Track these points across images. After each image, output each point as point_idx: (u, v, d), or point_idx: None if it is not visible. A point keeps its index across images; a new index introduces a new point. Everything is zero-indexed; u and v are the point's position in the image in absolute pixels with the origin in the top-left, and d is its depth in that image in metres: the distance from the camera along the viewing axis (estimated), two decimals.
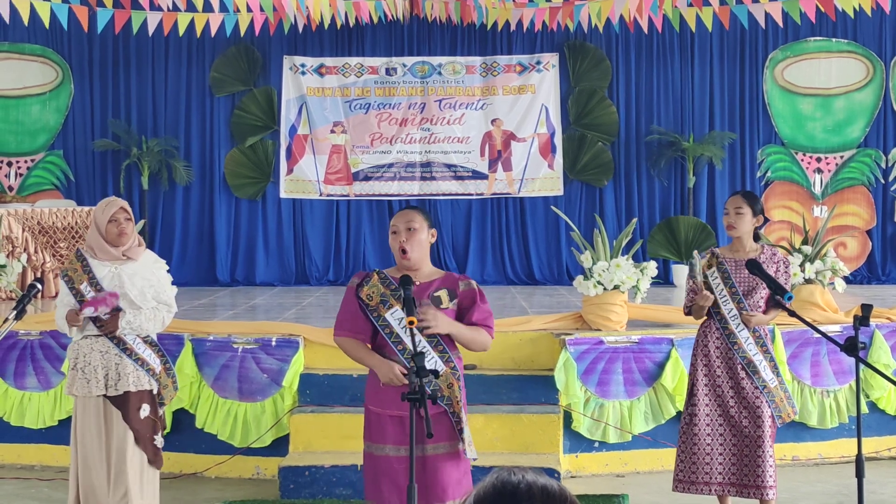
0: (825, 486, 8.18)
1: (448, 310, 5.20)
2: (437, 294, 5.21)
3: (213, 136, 14.93)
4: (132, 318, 6.25)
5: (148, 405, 6.34)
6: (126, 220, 6.29)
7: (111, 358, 6.26)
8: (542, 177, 14.80)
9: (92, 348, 6.27)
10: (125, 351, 6.27)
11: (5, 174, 14.84)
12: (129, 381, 6.25)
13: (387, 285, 5.20)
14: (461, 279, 5.31)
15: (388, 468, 5.13)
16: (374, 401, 5.22)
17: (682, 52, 14.77)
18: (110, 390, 6.24)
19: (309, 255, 14.83)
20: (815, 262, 9.18)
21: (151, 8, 12.56)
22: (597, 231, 8.86)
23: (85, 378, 6.25)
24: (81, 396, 6.28)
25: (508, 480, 2.13)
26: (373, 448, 5.22)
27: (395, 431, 5.11)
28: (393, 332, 5.15)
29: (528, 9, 13.42)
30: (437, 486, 5.07)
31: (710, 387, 6.66)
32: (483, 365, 8.57)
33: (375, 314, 5.18)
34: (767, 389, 6.57)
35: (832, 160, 14.73)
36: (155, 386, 6.38)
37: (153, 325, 6.36)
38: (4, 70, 14.86)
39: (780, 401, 6.61)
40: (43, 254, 12.31)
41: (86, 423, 6.28)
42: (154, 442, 6.39)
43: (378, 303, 5.17)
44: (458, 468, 5.17)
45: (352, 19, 13.42)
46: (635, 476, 8.50)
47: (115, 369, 6.25)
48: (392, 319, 5.15)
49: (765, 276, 6.04)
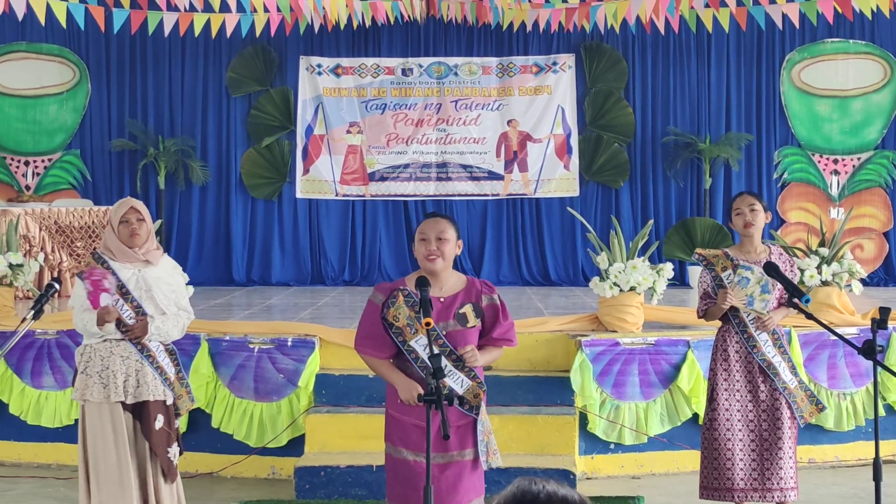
0: (842, 488, 8.15)
1: (475, 328, 5.20)
2: (462, 311, 5.19)
3: (229, 136, 14.95)
4: (161, 323, 6.14)
5: (162, 416, 6.18)
6: (138, 220, 6.14)
7: (132, 364, 6.11)
8: (558, 178, 14.78)
9: (112, 352, 6.10)
10: (147, 357, 6.13)
11: (23, 174, 14.89)
12: (148, 389, 6.10)
13: (411, 305, 5.18)
14: (484, 292, 5.28)
15: (409, 471, 5.16)
16: (396, 407, 5.22)
17: (699, 54, 14.73)
18: (128, 398, 6.08)
19: (325, 255, 14.84)
20: (831, 265, 9.15)
21: (168, 8, 12.58)
22: (613, 232, 8.84)
23: (101, 383, 6.05)
24: (96, 402, 6.06)
25: (529, 490, 2.13)
26: (394, 451, 5.23)
27: (417, 438, 5.10)
28: (419, 357, 5.15)
29: (545, 10, 13.40)
30: (458, 492, 5.11)
31: (730, 391, 6.63)
32: (499, 366, 8.55)
33: (401, 339, 5.18)
34: (788, 390, 6.55)
35: (849, 162, 14.68)
36: (170, 396, 6.23)
37: (177, 332, 6.28)
38: (22, 70, 14.91)
39: (801, 400, 6.59)
40: (60, 253, 12.35)
41: (103, 430, 6.07)
42: (168, 454, 6.22)
43: (405, 325, 5.17)
44: (476, 472, 5.21)
45: (368, 20, 13.42)
46: (651, 478, 8.49)
47: (136, 376, 6.10)
48: (418, 346, 5.15)
49: (782, 278, 6.03)
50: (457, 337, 5.16)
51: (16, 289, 9.73)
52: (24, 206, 12.65)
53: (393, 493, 5.25)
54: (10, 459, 8.95)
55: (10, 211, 12.04)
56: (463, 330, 5.18)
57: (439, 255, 5.19)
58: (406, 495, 5.15)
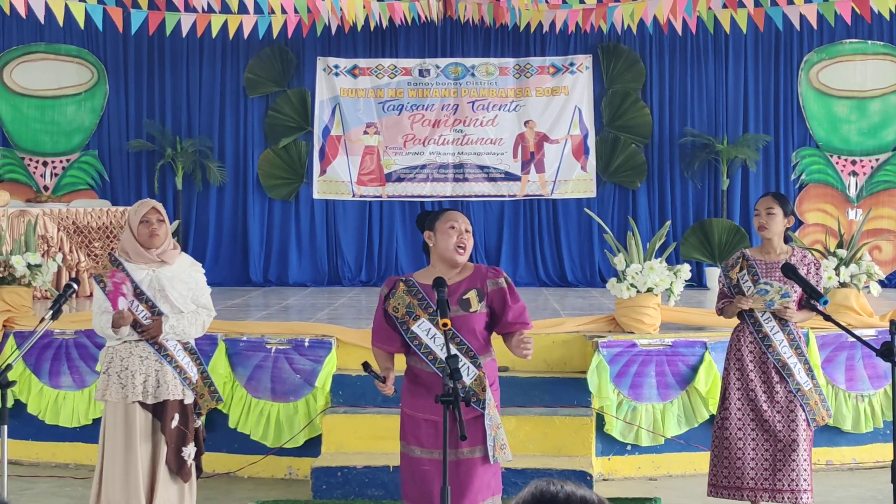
0: (859, 490, 8.13)
1: (478, 313, 5.19)
2: (466, 297, 5.20)
3: (246, 136, 14.97)
4: (175, 322, 6.19)
5: (178, 415, 6.24)
6: (158, 221, 6.22)
7: (151, 364, 6.18)
8: (575, 178, 14.77)
9: (131, 353, 6.17)
10: (166, 357, 6.18)
11: (41, 174, 14.94)
12: (167, 389, 6.16)
13: (413, 294, 5.20)
14: (489, 276, 5.30)
15: (420, 470, 5.16)
16: (409, 404, 5.24)
17: (717, 54, 14.70)
18: (148, 398, 6.15)
19: (341, 255, 14.85)
20: (849, 266, 9.11)
21: (186, 9, 12.61)
22: (630, 233, 8.84)
23: (120, 383, 6.14)
24: (113, 402, 6.17)
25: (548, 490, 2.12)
26: (408, 450, 5.25)
27: (429, 435, 5.12)
28: (422, 344, 5.16)
29: (562, 10, 13.39)
30: (470, 490, 5.08)
31: (743, 390, 6.63)
32: (515, 367, 8.56)
33: (404, 327, 5.20)
34: (801, 392, 6.54)
35: (867, 163, 14.63)
36: (189, 396, 6.29)
37: (195, 330, 6.32)
38: (40, 70, 14.96)
39: (814, 404, 6.58)
40: (78, 253, 12.39)
41: (116, 430, 6.17)
42: (181, 454, 6.26)
43: (404, 314, 5.18)
44: (489, 470, 5.17)
45: (385, 20, 13.43)
46: (668, 479, 8.48)
47: (155, 376, 6.16)
48: (420, 331, 5.16)
49: (800, 279, 6.02)
50: (460, 323, 5.14)
51: (34, 289, 9.76)
52: (42, 207, 12.70)
53: (408, 493, 5.26)
54: (29, 459, 8.99)
55: (28, 211, 12.09)
56: (466, 315, 5.17)
57: (468, 244, 5.24)
58: (420, 494, 5.16)
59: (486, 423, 5.13)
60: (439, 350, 5.09)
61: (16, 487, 8.03)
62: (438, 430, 5.02)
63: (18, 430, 8.89)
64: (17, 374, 8.81)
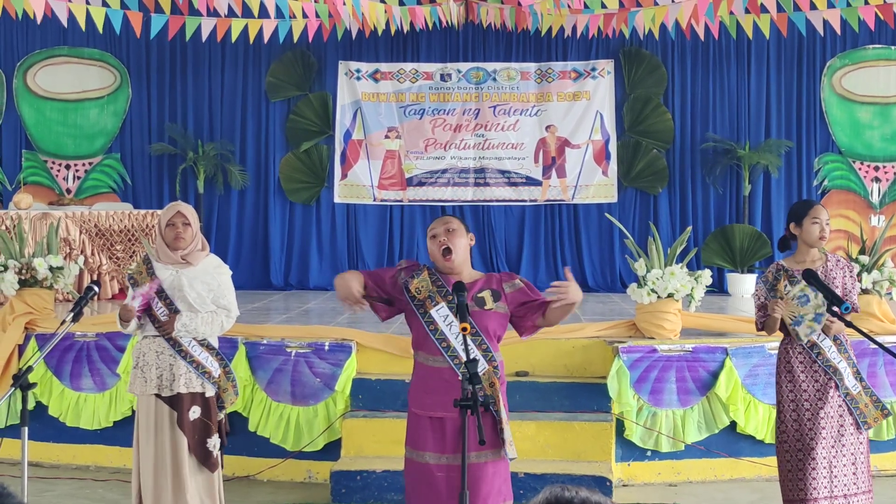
0: (880, 498, 8.07)
1: (493, 311, 5.19)
2: (480, 295, 5.22)
3: (268, 140, 15.00)
4: (188, 320, 6.35)
5: (199, 407, 6.42)
6: (183, 224, 6.41)
7: (165, 359, 6.38)
8: (597, 184, 14.75)
9: (150, 348, 6.41)
10: (180, 352, 6.37)
11: (63, 177, 15.00)
12: (180, 382, 6.35)
13: (435, 282, 5.22)
14: (504, 280, 5.31)
15: (429, 476, 5.12)
16: (417, 402, 5.24)
17: (739, 60, 14.66)
18: (164, 391, 6.35)
19: (362, 259, 14.85)
20: (872, 272, 9.08)
21: (207, 14, 12.63)
22: (651, 239, 8.82)
23: (143, 377, 6.38)
24: (138, 395, 6.44)
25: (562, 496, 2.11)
26: (413, 454, 5.22)
27: (434, 438, 5.10)
28: (438, 329, 5.16)
29: (583, 15, 13.36)
30: (479, 495, 5.03)
31: (797, 402, 6.52)
32: (535, 372, 8.56)
33: (422, 310, 5.19)
34: (850, 396, 6.48)
35: (890, 169, 14.57)
36: (210, 389, 6.45)
37: (209, 329, 6.45)
38: (64, 74, 15.03)
39: (864, 406, 6.52)
40: (100, 256, 12.43)
41: (139, 421, 6.44)
42: (206, 445, 6.44)
43: (426, 297, 5.19)
44: (499, 475, 5.14)
45: (406, 25, 13.44)
46: (688, 485, 8.45)
47: (169, 370, 6.37)
48: (438, 316, 5.16)
49: (821, 286, 6.00)
50: (475, 318, 5.14)
51: (56, 291, 9.79)
52: (64, 210, 12.75)
53: (411, 498, 5.23)
54: (49, 461, 9.02)
55: (50, 214, 12.14)
56: (480, 311, 5.17)
57: (450, 244, 5.21)
58: (426, 500, 5.13)
59: (496, 419, 5.09)
60: (454, 339, 5.09)
61: (36, 489, 8.07)
62: (444, 432, 5.02)
63: (39, 431, 8.95)
64: (39, 376, 8.85)
